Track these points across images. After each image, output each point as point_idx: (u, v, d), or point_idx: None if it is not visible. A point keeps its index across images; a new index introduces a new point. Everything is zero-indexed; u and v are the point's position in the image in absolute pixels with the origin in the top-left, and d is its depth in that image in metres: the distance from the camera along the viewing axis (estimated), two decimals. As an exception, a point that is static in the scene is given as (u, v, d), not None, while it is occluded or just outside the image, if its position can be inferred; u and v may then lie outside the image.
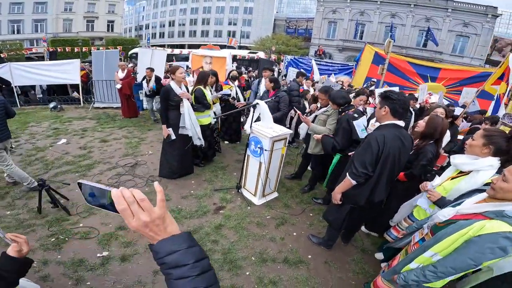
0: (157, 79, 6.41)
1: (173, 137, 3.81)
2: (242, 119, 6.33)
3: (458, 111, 5.22)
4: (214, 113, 4.54)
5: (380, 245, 2.83)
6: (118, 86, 6.61)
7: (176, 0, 46.14)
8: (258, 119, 3.54)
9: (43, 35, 24.66)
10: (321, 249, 2.88)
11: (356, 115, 3.05)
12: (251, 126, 3.35)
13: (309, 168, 4.30)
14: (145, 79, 6.53)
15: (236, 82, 5.60)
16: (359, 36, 29.43)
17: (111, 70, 7.86)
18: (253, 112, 3.51)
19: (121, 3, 31.96)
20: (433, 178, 2.10)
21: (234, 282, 2.39)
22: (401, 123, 2.10)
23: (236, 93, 5.35)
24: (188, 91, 3.86)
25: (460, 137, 3.93)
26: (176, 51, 17.75)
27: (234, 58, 13.67)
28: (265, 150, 3.15)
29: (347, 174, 2.21)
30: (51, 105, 7.50)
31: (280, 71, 14.38)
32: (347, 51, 30.04)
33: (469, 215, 1.36)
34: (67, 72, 7.88)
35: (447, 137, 3.17)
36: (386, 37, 29.07)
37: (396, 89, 5.62)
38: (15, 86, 7.52)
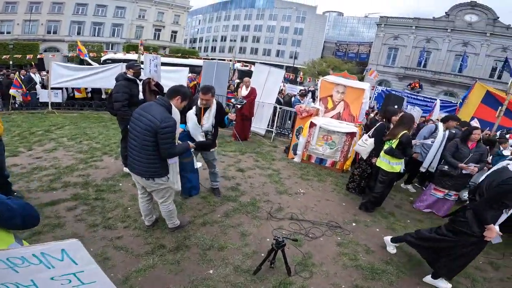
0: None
1: None
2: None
3: None
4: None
5: None
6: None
7: (230, 16, 47.80)
8: None
9: (119, 39, 26.30)
10: None
11: None
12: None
13: None
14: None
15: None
16: (423, 64, 27.60)
17: (221, 83, 7.28)
18: None
19: (184, 14, 33.38)
20: None
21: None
22: None
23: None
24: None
25: None
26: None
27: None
28: None
29: None
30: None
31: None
32: (408, 79, 28.27)
33: None
34: (175, 80, 7.39)
35: None
36: (455, 66, 27.18)
37: None
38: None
